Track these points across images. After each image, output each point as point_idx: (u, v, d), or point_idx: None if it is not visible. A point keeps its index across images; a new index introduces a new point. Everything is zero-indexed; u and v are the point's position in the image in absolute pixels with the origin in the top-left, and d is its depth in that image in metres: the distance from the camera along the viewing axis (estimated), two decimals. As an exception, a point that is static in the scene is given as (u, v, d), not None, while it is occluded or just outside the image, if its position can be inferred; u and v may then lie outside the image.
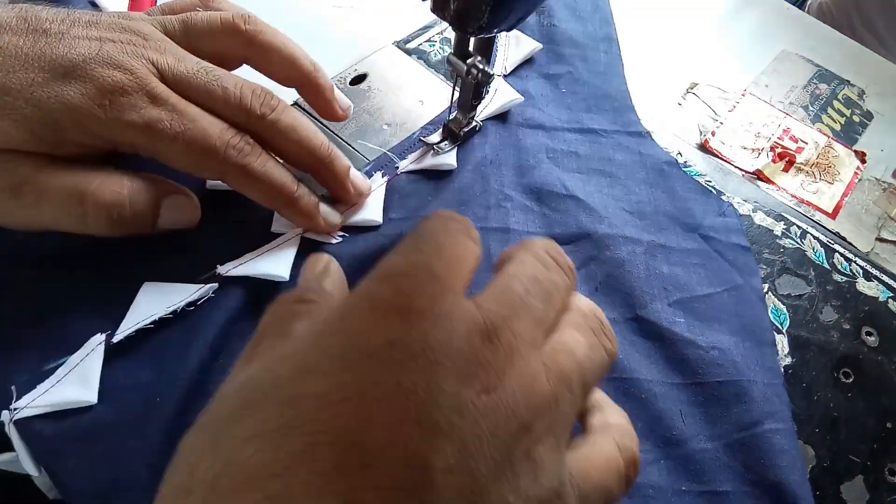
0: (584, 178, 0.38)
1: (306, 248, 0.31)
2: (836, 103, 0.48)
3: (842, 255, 0.39)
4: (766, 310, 0.35)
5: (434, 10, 0.29)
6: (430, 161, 0.36)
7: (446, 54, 0.42)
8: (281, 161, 0.30)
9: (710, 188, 0.40)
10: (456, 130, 0.36)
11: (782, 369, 0.33)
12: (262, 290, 0.29)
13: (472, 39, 0.32)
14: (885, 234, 0.41)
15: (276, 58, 0.31)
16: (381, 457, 0.15)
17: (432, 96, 0.40)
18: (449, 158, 0.36)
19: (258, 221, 0.32)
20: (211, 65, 0.29)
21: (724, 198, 0.39)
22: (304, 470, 0.15)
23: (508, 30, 0.30)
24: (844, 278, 0.38)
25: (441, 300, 0.19)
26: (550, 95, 0.42)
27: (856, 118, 0.48)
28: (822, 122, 0.47)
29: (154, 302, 0.28)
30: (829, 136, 0.46)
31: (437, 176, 0.36)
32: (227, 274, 0.29)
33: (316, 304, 0.22)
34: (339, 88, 0.38)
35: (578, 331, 0.22)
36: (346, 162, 0.32)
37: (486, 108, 0.39)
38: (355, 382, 0.16)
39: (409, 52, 0.42)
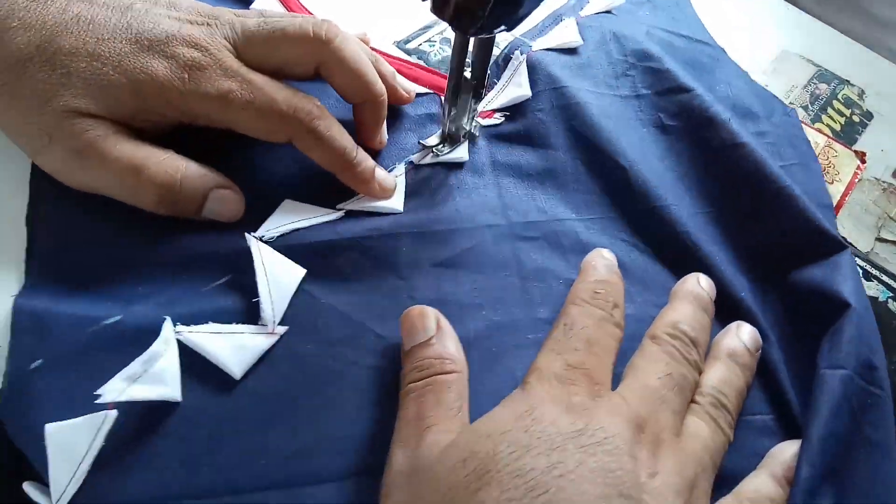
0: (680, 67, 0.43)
1: (414, 182, 0.35)
2: (835, 103, 0.48)
3: (841, 255, 0.39)
4: (824, 182, 0.40)
5: (434, 10, 0.28)
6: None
7: (446, 55, 0.42)
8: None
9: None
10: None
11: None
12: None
13: (471, 40, 0.32)
14: (884, 234, 0.41)
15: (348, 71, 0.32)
16: None
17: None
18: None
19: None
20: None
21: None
22: None
23: (508, 30, 0.30)
24: (844, 278, 0.38)
25: (599, 396, 0.24)
26: (636, 11, 0.48)
27: (856, 118, 0.48)
28: (822, 122, 0.47)
29: (289, 215, 0.31)
30: (828, 136, 0.46)
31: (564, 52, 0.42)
32: (347, 209, 0.33)
33: (460, 376, 0.26)
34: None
35: (702, 419, 0.26)
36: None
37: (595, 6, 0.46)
38: (563, 461, 0.21)
39: (409, 52, 0.42)
